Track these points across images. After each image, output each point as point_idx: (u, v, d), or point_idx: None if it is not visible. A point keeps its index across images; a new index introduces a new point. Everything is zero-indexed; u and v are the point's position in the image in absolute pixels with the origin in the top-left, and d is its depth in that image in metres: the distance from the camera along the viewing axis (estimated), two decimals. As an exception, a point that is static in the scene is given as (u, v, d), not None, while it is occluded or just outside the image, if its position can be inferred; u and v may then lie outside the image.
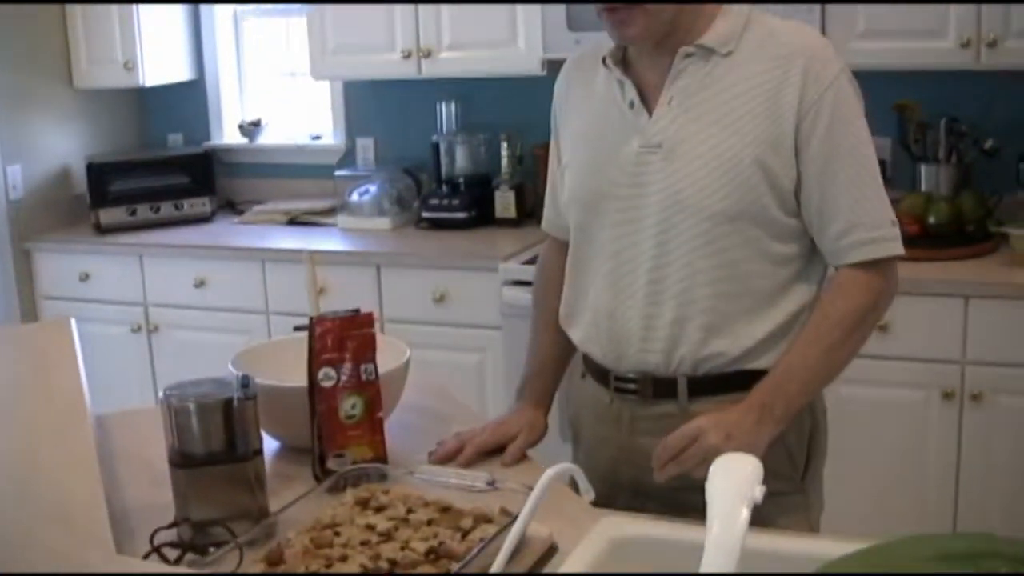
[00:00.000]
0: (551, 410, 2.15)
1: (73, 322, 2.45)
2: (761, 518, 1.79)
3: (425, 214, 4.45)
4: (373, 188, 4.54)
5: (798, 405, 1.84)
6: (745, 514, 1.20)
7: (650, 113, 1.87)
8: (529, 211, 4.40)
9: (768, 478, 1.88)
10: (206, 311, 4.41)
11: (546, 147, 4.21)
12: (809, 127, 1.80)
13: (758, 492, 1.27)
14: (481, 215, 4.40)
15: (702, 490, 1.88)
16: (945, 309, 3.26)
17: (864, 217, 1.82)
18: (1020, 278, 3.32)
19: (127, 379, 4.52)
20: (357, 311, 1.96)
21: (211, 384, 1.76)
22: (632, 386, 1.94)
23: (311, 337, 1.92)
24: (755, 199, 1.81)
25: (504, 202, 4.37)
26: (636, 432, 1.95)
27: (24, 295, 4.68)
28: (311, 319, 1.93)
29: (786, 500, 1.88)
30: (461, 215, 4.38)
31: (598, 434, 2.02)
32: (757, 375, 1.86)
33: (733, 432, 1.75)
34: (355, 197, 4.55)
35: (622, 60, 1.92)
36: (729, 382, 1.88)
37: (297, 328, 2.04)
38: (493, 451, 2.04)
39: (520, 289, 3.76)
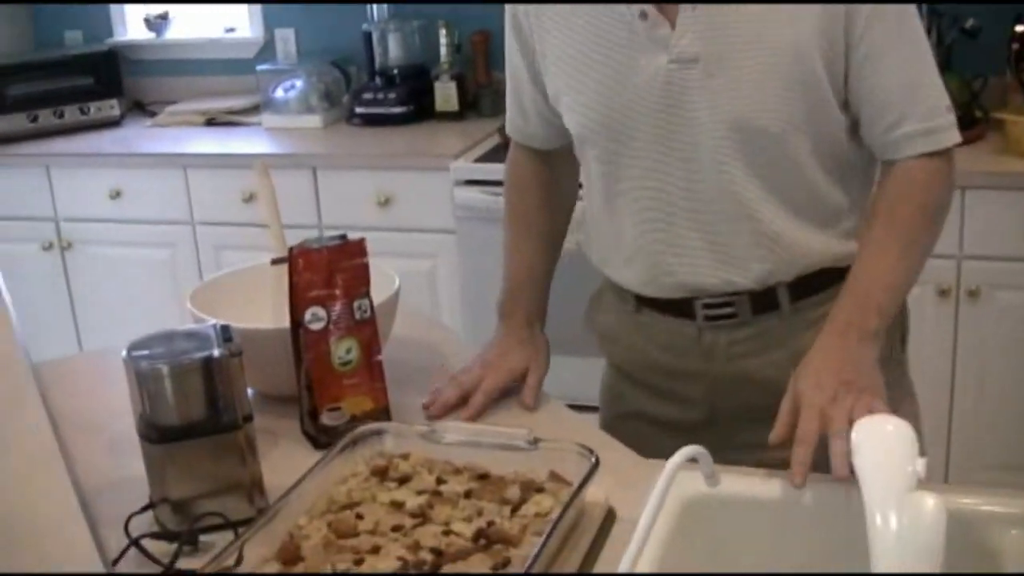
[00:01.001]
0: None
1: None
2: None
3: (358, 109, 4.10)
4: (298, 83, 4.17)
5: (889, 313, 1.57)
6: (932, 504, 0.93)
7: (672, 23, 1.55)
8: (471, 102, 4.11)
9: (881, 365, 1.59)
10: (124, 224, 4.02)
11: (484, 34, 4.03)
12: (856, 9, 1.51)
13: (920, 465, 1.00)
14: (419, 109, 4.07)
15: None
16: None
17: (917, 106, 1.56)
18: (1015, 166, 3.09)
19: (41, 302, 4.14)
20: (344, 237, 1.65)
21: (183, 338, 1.44)
22: (727, 310, 1.67)
23: (293, 272, 1.60)
24: (818, 102, 1.54)
25: (445, 94, 4.04)
26: (735, 357, 1.69)
27: (-80, 217, 4.25)
28: (291, 250, 1.62)
29: (892, 383, 1.60)
30: (398, 110, 4.04)
31: (686, 371, 1.74)
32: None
33: (837, 368, 1.46)
34: (279, 93, 4.18)
35: None
36: (828, 277, 1.64)
37: (275, 261, 1.73)
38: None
39: (474, 189, 3.47)
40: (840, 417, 1.38)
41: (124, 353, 1.40)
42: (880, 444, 1.03)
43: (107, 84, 4.41)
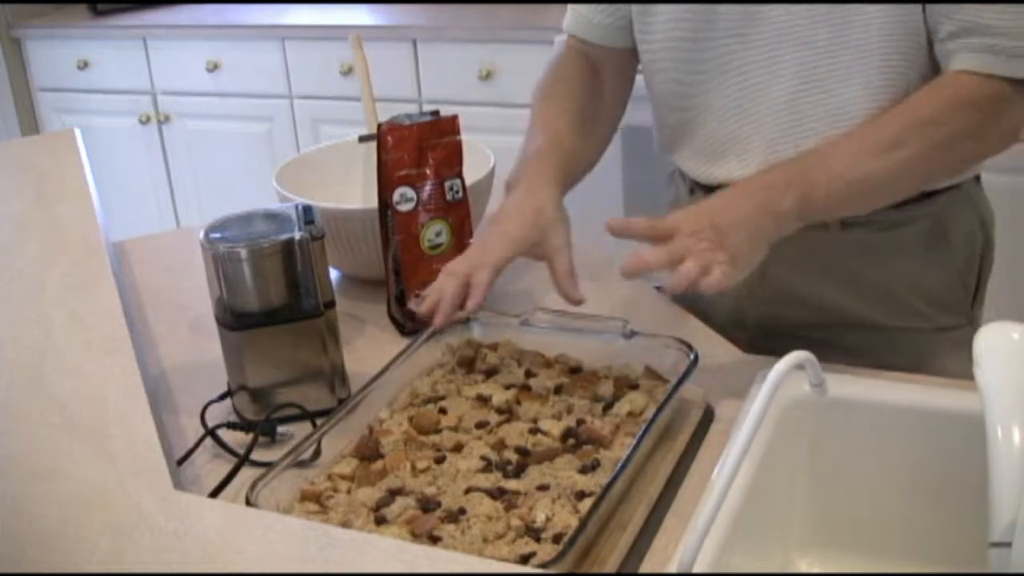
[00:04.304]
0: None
1: (79, 133, 2.03)
2: (929, 361, 1.40)
3: (461, -21, 3.98)
4: (400, -49, 4.06)
5: (819, 205, 1.30)
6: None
7: None
8: (576, -27, 3.94)
9: (937, 311, 1.51)
10: (221, 97, 3.98)
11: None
12: None
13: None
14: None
15: (844, 324, 1.51)
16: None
17: (989, 17, 1.29)
18: None
19: (139, 176, 4.15)
20: (437, 114, 1.56)
21: (263, 220, 1.37)
22: None
23: (381, 149, 1.52)
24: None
25: (550, -37, 3.89)
26: (773, 263, 1.42)
27: (18, 88, 4.25)
28: (379, 126, 1.54)
29: (958, 335, 1.50)
30: (502, -20, 3.91)
31: None
32: (931, 193, 1.47)
33: (718, 213, 1.28)
34: (380, -38, 4.08)
35: None
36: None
37: (363, 138, 1.65)
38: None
39: (577, 64, 3.34)
40: (691, 246, 1.24)
41: (201, 235, 1.34)
42: (1005, 352, 0.93)
43: (205, -47, 4.33)
